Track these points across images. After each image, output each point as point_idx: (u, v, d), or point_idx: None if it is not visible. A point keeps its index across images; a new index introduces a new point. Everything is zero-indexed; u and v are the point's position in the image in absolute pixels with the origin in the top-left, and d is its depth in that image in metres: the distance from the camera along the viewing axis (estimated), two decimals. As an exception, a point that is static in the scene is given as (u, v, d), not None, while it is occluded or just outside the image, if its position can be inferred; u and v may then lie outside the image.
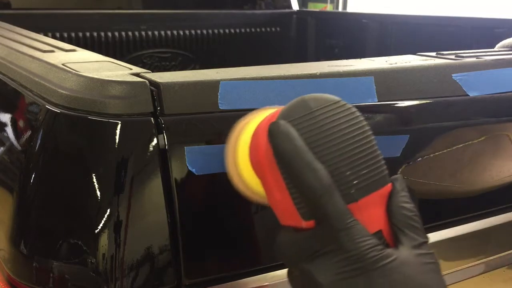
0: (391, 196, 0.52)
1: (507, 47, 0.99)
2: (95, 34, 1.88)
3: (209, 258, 0.63)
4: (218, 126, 0.61)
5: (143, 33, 1.96)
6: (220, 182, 0.62)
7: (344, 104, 0.53)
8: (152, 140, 0.58)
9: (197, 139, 0.60)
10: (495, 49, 0.99)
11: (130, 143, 0.58)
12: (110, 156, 0.58)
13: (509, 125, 0.86)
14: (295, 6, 2.30)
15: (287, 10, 2.27)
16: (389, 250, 0.48)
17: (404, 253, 0.49)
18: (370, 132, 0.52)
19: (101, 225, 0.57)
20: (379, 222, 0.51)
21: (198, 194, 0.62)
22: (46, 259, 0.59)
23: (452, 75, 0.78)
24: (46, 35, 1.70)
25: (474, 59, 0.83)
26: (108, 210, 0.57)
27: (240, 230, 0.65)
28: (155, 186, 0.58)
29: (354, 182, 0.50)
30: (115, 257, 0.57)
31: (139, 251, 0.58)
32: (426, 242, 0.51)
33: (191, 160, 0.59)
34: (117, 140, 0.57)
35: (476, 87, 0.80)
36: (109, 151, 0.58)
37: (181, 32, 2.03)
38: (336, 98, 0.53)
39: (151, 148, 0.58)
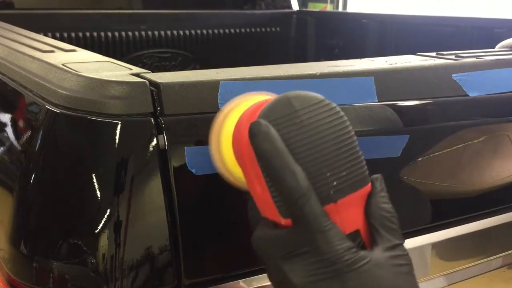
0: (370, 196, 0.52)
1: (507, 47, 0.99)
2: (95, 34, 1.88)
3: (209, 258, 0.63)
4: (218, 126, 0.61)
5: (143, 33, 1.96)
6: (220, 182, 0.62)
7: (328, 104, 0.52)
8: (152, 140, 0.58)
9: (197, 139, 0.60)
10: (495, 49, 0.99)
11: (130, 143, 0.58)
12: (110, 156, 0.58)
13: (509, 125, 0.86)
14: (295, 6, 2.30)
15: (287, 10, 2.27)
16: (363, 253, 0.49)
17: (378, 255, 0.49)
18: (352, 133, 0.52)
19: (101, 225, 0.57)
20: (357, 221, 0.52)
21: (198, 194, 0.62)
22: (46, 259, 0.59)
23: (452, 75, 0.78)
24: (46, 35, 1.70)
25: (474, 59, 0.83)
26: (108, 210, 0.57)
27: (240, 230, 0.65)
28: (155, 186, 0.58)
29: (334, 184, 0.50)
30: (115, 257, 0.57)
31: (139, 251, 0.58)
32: (401, 244, 0.52)
33: (191, 160, 0.59)
34: (117, 140, 0.57)
35: (476, 87, 0.80)
36: (109, 151, 0.58)
37: (181, 32, 2.03)
38: (320, 96, 0.53)
39: (151, 148, 0.58)
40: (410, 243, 0.77)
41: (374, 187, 0.53)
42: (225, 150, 0.56)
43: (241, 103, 0.57)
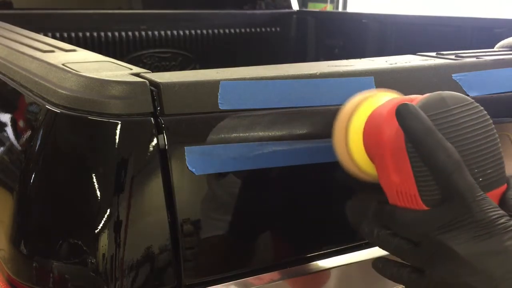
0: (505, 192, 0.56)
1: (506, 47, 0.99)
2: (95, 34, 1.88)
3: (209, 258, 0.63)
4: (218, 126, 0.61)
5: (143, 33, 1.96)
6: (220, 182, 0.62)
7: (477, 106, 0.56)
8: (152, 140, 0.58)
9: (197, 139, 0.60)
10: (495, 49, 0.99)
11: (130, 143, 0.58)
12: (110, 156, 0.58)
13: (509, 125, 0.86)
14: (295, 6, 2.30)
15: (287, 10, 2.27)
16: None
17: None
18: (497, 135, 0.56)
19: (101, 225, 0.57)
20: None
21: (198, 194, 0.62)
22: (46, 259, 0.59)
23: (452, 75, 0.78)
24: (46, 35, 1.70)
25: (474, 59, 0.83)
26: (108, 210, 0.57)
27: (240, 230, 0.65)
28: (155, 186, 0.58)
29: (480, 180, 0.53)
30: (115, 257, 0.57)
31: (139, 251, 0.58)
32: None
33: (191, 160, 0.59)
34: (117, 140, 0.57)
35: (476, 87, 0.80)
36: (109, 151, 0.58)
37: (181, 32, 2.03)
38: (470, 98, 0.56)
39: (151, 148, 0.58)
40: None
41: (509, 185, 0.57)
42: (352, 143, 0.60)
43: (368, 99, 0.61)
